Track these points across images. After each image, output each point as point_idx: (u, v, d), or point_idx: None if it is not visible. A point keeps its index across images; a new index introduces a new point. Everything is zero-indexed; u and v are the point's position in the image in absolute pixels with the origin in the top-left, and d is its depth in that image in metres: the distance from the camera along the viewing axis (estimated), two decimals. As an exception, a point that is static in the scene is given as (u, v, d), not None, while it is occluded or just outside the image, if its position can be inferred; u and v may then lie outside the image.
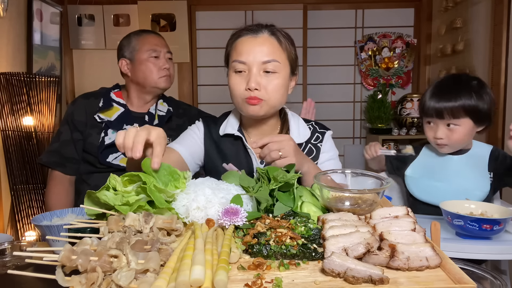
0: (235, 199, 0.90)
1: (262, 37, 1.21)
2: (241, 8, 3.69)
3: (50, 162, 1.75)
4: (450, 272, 0.65)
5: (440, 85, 1.60)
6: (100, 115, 1.72)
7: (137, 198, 0.87)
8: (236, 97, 1.23)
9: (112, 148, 1.70)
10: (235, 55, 1.21)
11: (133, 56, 1.75)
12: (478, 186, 1.55)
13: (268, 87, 1.19)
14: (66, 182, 1.76)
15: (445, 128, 1.55)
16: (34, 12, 2.73)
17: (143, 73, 1.73)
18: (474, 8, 2.83)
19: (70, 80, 3.59)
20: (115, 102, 1.77)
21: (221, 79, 3.73)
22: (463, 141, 1.58)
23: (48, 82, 2.35)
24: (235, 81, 1.22)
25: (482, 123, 1.55)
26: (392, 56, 3.74)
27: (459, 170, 1.59)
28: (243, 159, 1.31)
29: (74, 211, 1.16)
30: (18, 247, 1.13)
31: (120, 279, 0.60)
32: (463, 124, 1.53)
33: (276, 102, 1.24)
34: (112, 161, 1.70)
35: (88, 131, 1.73)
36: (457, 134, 1.54)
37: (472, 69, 2.82)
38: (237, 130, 1.32)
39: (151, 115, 1.79)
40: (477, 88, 1.54)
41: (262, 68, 1.19)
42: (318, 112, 3.74)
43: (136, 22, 3.53)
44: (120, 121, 1.73)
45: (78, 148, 1.74)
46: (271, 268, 0.69)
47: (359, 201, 0.89)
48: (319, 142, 1.36)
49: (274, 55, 1.20)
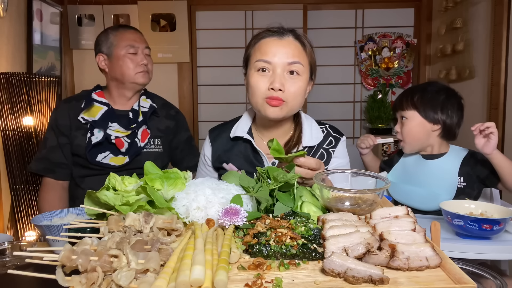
0: (235, 199, 0.90)
1: (288, 39, 1.23)
2: (241, 8, 3.69)
3: (39, 169, 1.75)
4: (450, 272, 0.65)
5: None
6: (84, 116, 1.72)
7: (137, 198, 0.87)
8: (257, 96, 1.22)
9: (100, 147, 1.70)
10: (259, 55, 1.22)
11: (110, 52, 1.75)
12: (445, 190, 1.59)
13: (291, 89, 1.20)
14: (59, 188, 1.76)
15: (400, 121, 1.68)
16: (34, 12, 2.73)
17: (121, 68, 1.73)
18: (474, 8, 2.83)
19: (70, 80, 3.59)
20: (97, 101, 1.77)
21: (221, 79, 3.73)
22: (414, 136, 1.64)
23: (48, 82, 2.35)
24: (257, 79, 1.21)
25: (432, 121, 1.61)
26: (392, 56, 3.74)
27: (431, 174, 1.64)
28: (254, 162, 1.31)
29: (74, 211, 1.16)
30: (18, 247, 1.13)
31: (120, 279, 0.60)
32: (410, 116, 1.63)
33: (296, 105, 1.25)
34: (102, 160, 1.70)
35: (73, 134, 1.73)
36: (406, 127, 1.64)
37: (472, 69, 2.82)
38: (247, 133, 1.32)
39: (135, 112, 1.79)
40: (435, 90, 1.63)
41: (287, 70, 1.20)
42: (319, 112, 3.75)
43: (136, 22, 3.53)
44: (104, 120, 1.72)
45: (65, 153, 1.74)
46: (271, 268, 0.69)
47: (359, 201, 0.89)
48: (332, 147, 1.35)
49: (299, 57, 1.21)
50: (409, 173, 1.70)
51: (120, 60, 1.72)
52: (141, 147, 1.73)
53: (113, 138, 1.69)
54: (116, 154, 1.71)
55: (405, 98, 1.66)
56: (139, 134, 1.75)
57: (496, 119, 2.51)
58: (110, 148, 1.70)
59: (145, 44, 1.79)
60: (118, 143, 1.70)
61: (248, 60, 1.27)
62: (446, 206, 1.31)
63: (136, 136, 1.74)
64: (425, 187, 1.62)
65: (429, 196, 1.60)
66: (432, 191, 1.60)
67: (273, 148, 1.00)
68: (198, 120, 3.79)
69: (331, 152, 1.34)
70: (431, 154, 1.68)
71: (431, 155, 1.68)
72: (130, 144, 1.72)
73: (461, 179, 1.59)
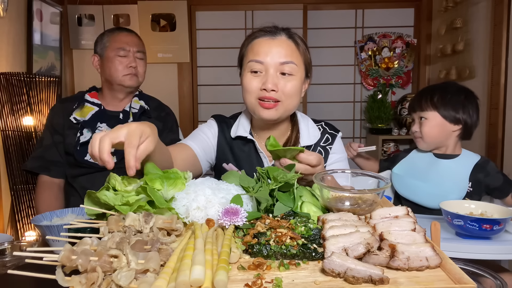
0: (235, 199, 0.90)
1: (280, 39, 1.21)
2: (241, 8, 3.69)
3: (35, 167, 1.78)
4: (450, 272, 0.65)
5: (425, 88, 1.74)
6: (76, 116, 1.75)
7: (137, 198, 0.87)
8: (250, 97, 1.21)
9: (87, 146, 1.70)
10: (252, 55, 1.21)
11: (103, 53, 1.79)
12: (455, 192, 1.60)
13: (284, 89, 1.19)
14: (55, 187, 1.77)
15: (418, 122, 1.67)
16: (34, 12, 2.73)
17: (109, 70, 1.76)
18: (474, 8, 2.83)
19: (70, 80, 3.59)
20: (89, 102, 1.80)
21: (221, 79, 3.73)
22: (434, 136, 1.64)
23: (48, 82, 2.35)
24: (250, 80, 1.20)
25: (453, 121, 1.61)
26: (392, 56, 3.74)
27: (442, 174, 1.64)
28: (255, 162, 1.31)
29: (74, 211, 1.17)
30: (18, 247, 1.13)
31: (120, 279, 0.60)
32: (431, 117, 1.62)
33: (291, 104, 1.23)
34: (90, 159, 1.71)
35: (66, 132, 1.76)
36: (426, 127, 1.64)
37: (472, 69, 2.82)
38: (249, 133, 1.32)
39: (125, 113, 1.81)
40: (455, 90, 1.62)
41: (279, 70, 1.19)
42: (319, 112, 3.75)
43: (136, 22, 3.53)
44: (94, 120, 1.75)
45: (60, 151, 1.77)
46: (271, 268, 0.68)
47: (359, 201, 0.89)
48: (329, 144, 1.35)
49: (292, 57, 1.20)
50: (419, 169, 1.70)
51: (109, 61, 1.76)
52: None
53: None
54: None
55: (424, 98, 1.64)
56: None
57: (496, 119, 2.51)
58: None
59: (137, 48, 1.80)
60: None
61: (242, 60, 1.27)
62: (446, 206, 1.31)
63: None
64: (435, 185, 1.62)
65: (438, 194, 1.59)
66: (443, 190, 1.60)
67: (270, 144, 0.99)
68: (198, 120, 3.79)
69: (328, 149, 1.34)
70: (444, 154, 1.67)
71: (444, 155, 1.68)
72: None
73: (470, 184, 1.60)
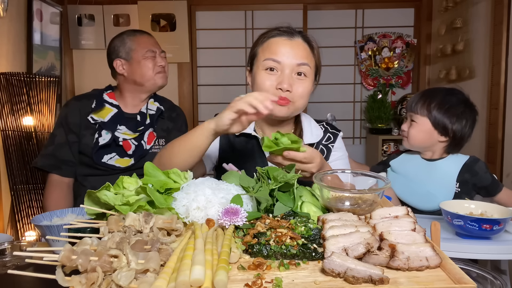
0: (235, 199, 0.90)
1: (297, 41, 1.23)
2: (241, 8, 3.69)
3: (46, 165, 1.76)
4: (450, 272, 0.65)
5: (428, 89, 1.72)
6: (94, 116, 1.74)
7: (137, 198, 0.87)
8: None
9: (106, 149, 1.72)
10: (268, 53, 1.21)
11: (129, 56, 1.77)
12: (442, 193, 1.59)
13: (298, 90, 1.21)
14: (64, 186, 1.77)
15: (409, 121, 1.66)
16: (34, 12, 2.73)
17: (141, 70, 1.76)
18: (474, 8, 2.83)
19: (70, 80, 3.59)
20: (108, 103, 1.79)
21: (221, 79, 3.73)
22: (419, 141, 1.63)
23: (48, 82, 2.35)
24: (265, 78, 1.21)
25: (442, 131, 1.59)
26: (392, 56, 3.74)
27: (429, 175, 1.64)
28: (258, 160, 1.31)
29: (74, 211, 1.16)
30: (18, 247, 1.13)
31: (120, 279, 0.60)
32: (420, 122, 1.61)
33: (301, 106, 1.26)
34: (107, 161, 1.72)
35: (82, 132, 1.74)
36: (414, 129, 1.63)
37: (472, 69, 2.82)
38: (253, 130, 1.32)
39: (143, 115, 1.82)
40: (454, 102, 1.59)
41: (295, 70, 1.21)
42: (319, 112, 3.75)
43: (136, 22, 3.53)
44: (113, 122, 1.75)
45: (73, 150, 1.75)
46: (271, 268, 0.68)
47: (359, 201, 0.89)
48: (331, 142, 1.37)
49: (307, 59, 1.22)
50: (407, 171, 1.70)
51: (140, 62, 1.76)
52: (147, 149, 1.77)
53: (121, 141, 1.72)
54: (122, 156, 1.74)
55: (422, 101, 1.61)
56: (145, 136, 1.78)
57: (496, 119, 2.51)
58: (116, 150, 1.73)
59: (161, 49, 1.85)
60: (125, 145, 1.73)
61: (254, 58, 1.27)
62: (446, 206, 1.31)
63: (143, 138, 1.77)
64: (422, 186, 1.62)
65: (426, 196, 1.60)
66: (429, 192, 1.60)
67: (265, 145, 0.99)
68: (198, 120, 3.79)
69: (330, 147, 1.36)
70: (431, 158, 1.68)
71: (430, 158, 1.68)
72: (136, 146, 1.75)
73: (457, 184, 1.59)
